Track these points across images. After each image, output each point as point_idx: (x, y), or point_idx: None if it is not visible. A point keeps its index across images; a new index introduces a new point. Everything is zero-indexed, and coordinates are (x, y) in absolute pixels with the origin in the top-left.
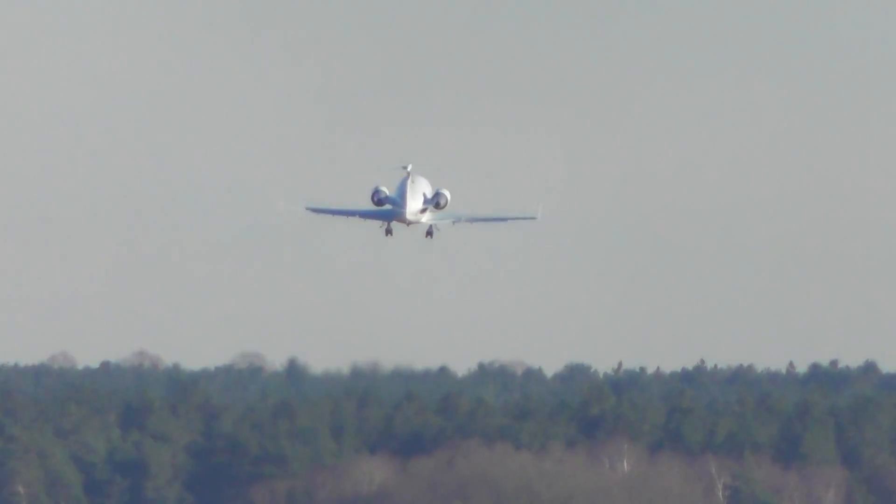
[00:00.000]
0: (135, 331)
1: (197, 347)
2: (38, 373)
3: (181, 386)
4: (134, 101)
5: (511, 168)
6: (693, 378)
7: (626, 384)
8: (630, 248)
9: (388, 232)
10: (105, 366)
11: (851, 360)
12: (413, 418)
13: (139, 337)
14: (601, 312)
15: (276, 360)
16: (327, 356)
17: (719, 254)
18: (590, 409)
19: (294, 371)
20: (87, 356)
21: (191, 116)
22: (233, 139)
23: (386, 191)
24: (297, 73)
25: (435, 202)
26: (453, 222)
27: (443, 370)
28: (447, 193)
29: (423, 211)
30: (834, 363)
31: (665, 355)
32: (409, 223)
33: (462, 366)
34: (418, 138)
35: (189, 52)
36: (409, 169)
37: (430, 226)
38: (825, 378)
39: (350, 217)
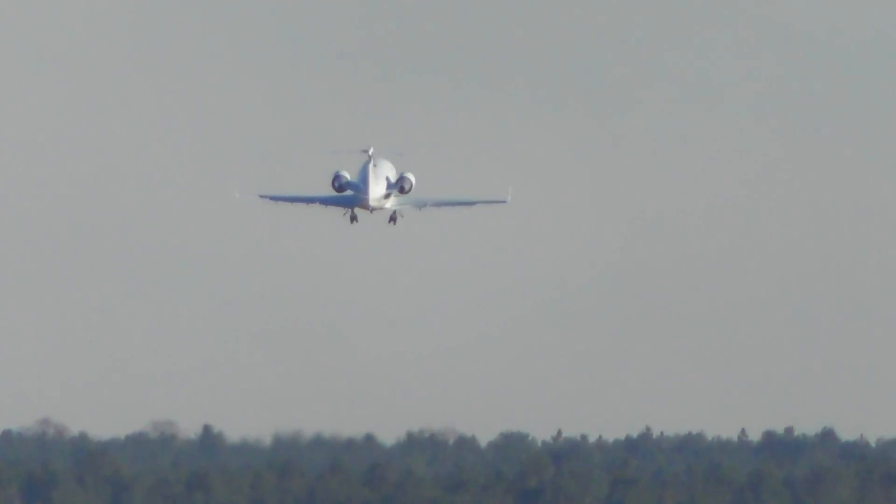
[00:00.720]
0: (37, 397)
1: (105, 414)
2: None
3: (88, 456)
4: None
5: (480, 150)
6: (638, 447)
7: (566, 453)
8: (571, 307)
9: (353, 219)
10: (6, 435)
11: (808, 427)
12: (338, 491)
13: (42, 403)
14: (539, 376)
15: (189, 427)
16: (245, 423)
17: (667, 313)
18: (527, 481)
19: (209, 439)
20: None
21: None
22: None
23: (347, 176)
24: (247, 49)
25: (399, 186)
26: (419, 207)
27: (369, 439)
28: (412, 177)
29: (387, 196)
30: (789, 431)
31: (608, 422)
32: (372, 209)
33: (390, 434)
34: (381, 120)
35: (133, 31)
36: (370, 152)
37: (394, 211)
38: (780, 447)
39: (309, 204)
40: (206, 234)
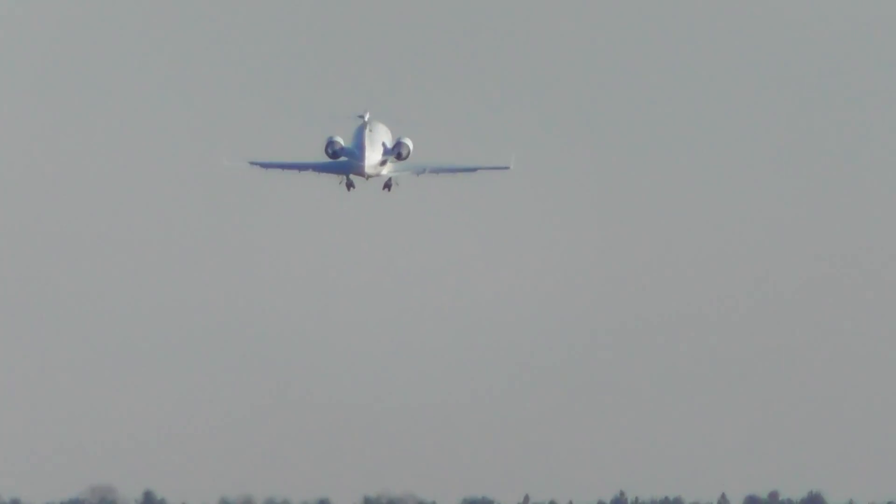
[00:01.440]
0: None
1: (40, 479)
2: None
3: None
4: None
5: (481, 115)
6: None
7: None
8: (540, 364)
9: (349, 185)
10: None
11: (793, 491)
12: None
13: None
14: (505, 436)
15: (130, 493)
16: (190, 488)
17: (643, 368)
18: None
19: None
20: None
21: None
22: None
23: (342, 141)
24: (237, 13)
25: (396, 152)
26: (417, 174)
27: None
28: (409, 143)
29: (384, 163)
30: (773, 495)
31: (579, 486)
32: (368, 176)
33: (345, 498)
34: (378, 84)
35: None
36: (366, 118)
37: (389, 178)
38: None
39: (302, 171)
40: (189, 206)
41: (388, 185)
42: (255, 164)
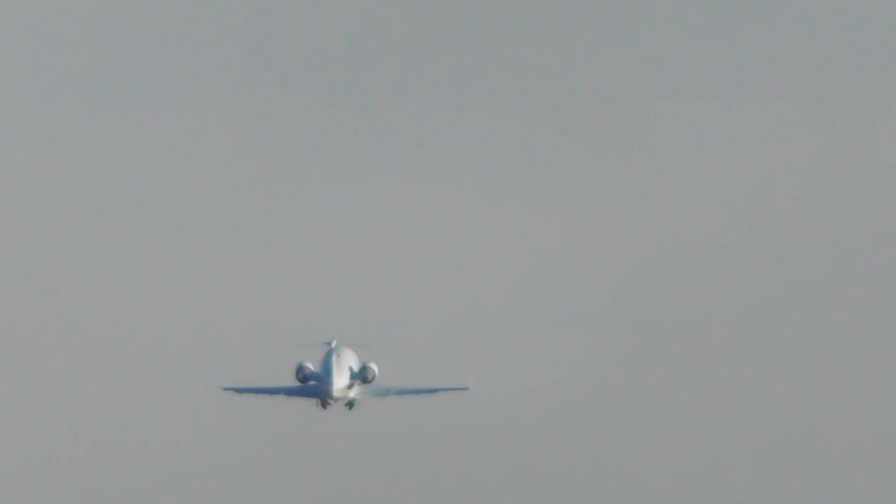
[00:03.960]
0: None
1: None
2: None
3: None
4: None
5: (442, 338)
6: None
7: None
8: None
9: (324, 405)
10: None
11: None
12: None
13: None
14: None
15: None
16: None
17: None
18: None
19: None
20: None
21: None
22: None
23: (311, 367)
24: (213, 246)
25: (362, 376)
26: (382, 396)
27: None
28: (375, 367)
29: (351, 386)
30: None
31: None
32: (336, 399)
33: None
34: (345, 312)
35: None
36: (333, 344)
37: (353, 399)
38: None
39: (274, 396)
40: (167, 429)
41: (350, 404)
42: (229, 389)
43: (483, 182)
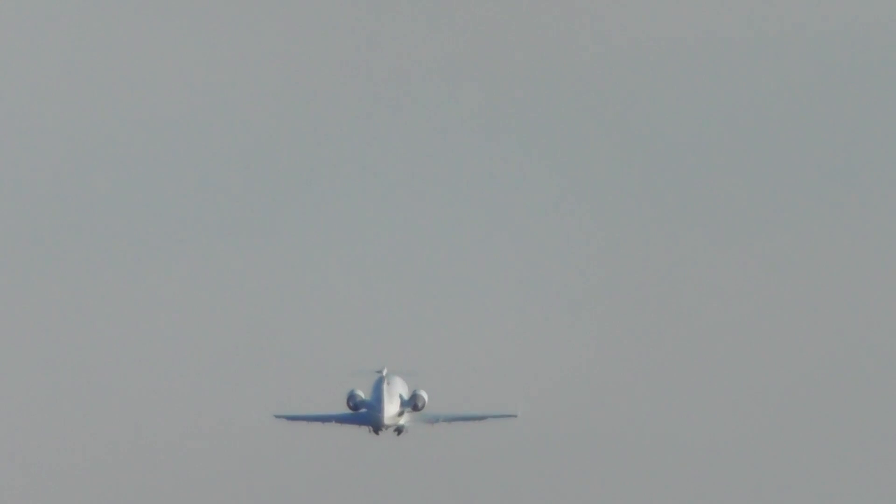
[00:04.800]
0: None
1: None
2: None
3: None
4: None
5: (491, 365)
6: None
7: None
8: None
9: (377, 431)
10: None
11: None
12: None
13: None
14: None
15: None
16: None
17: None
18: None
19: None
20: None
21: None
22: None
23: (362, 395)
24: (262, 276)
25: (412, 404)
26: (432, 423)
27: None
28: (425, 395)
29: (401, 414)
30: None
31: None
32: (386, 427)
33: None
34: (394, 340)
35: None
36: (384, 373)
37: (403, 426)
38: None
39: (326, 423)
40: (221, 456)
41: (399, 430)
42: (281, 416)
43: (532, 212)
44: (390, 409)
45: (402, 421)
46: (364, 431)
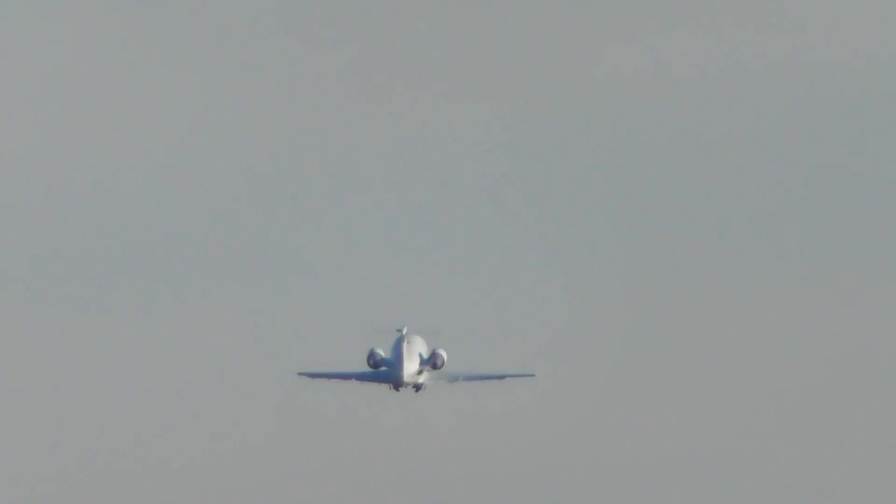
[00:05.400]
0: None
1: None
2: None
3: None
4: None
5: (510, 324)
6: None
7: None
8: None
9: (397, 388)
10: None
11: None
12: None
13: None
14: None
15: None
16: None
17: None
18: None
19: None
20: None
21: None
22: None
23: (382, 353)
24: (286, 237)
25: (432, 363)
26: (451, 382)
27: None
28: (444, 354)
29: (421, 372)
30: None
31: None
32: (406, 385)
33: None
34: (415, 299)
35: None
36: (404, 332)
37: (422, 384)
38: None
39: (346, 381)
40: (246, 412)
41: (417, 387)
42: (303, 374)
43: (557, 172)
44: (410, 367)
45: (422, 379)
46: (384, 389)
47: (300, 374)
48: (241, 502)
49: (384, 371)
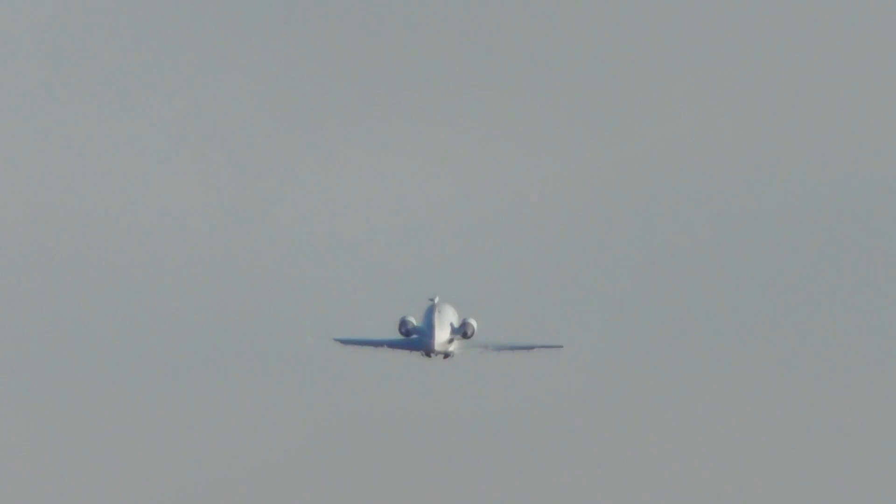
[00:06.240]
0: None
1: None
2: None
3: None
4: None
5: (538, 294)
6: None
7: None
8: None
9: (428, 355)
10: None
11: None
12: None
13: None
14: None
15: None
16: None
17: None
18: None
19: None
20: None
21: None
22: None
23: (413, 321)
24: (318, 202)
25: (462, 332)
26: (480, 351)
27: None
28: (474, 323)
29: (451, 341)
30: None
31: None
32: (436, 353)
33: None
34: (447, 267)
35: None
36: (435, 300)
37: (452, 352)
38: None
39: (378, 347)
40: (280, 377)
41: (447, 355)
42: (338, 340)
43: (586, 133)
44: (440, 335)
45: (452, 348)
46: (415, 356)
47: (335, 339)
48: (274, 465)
49: (415, 339)
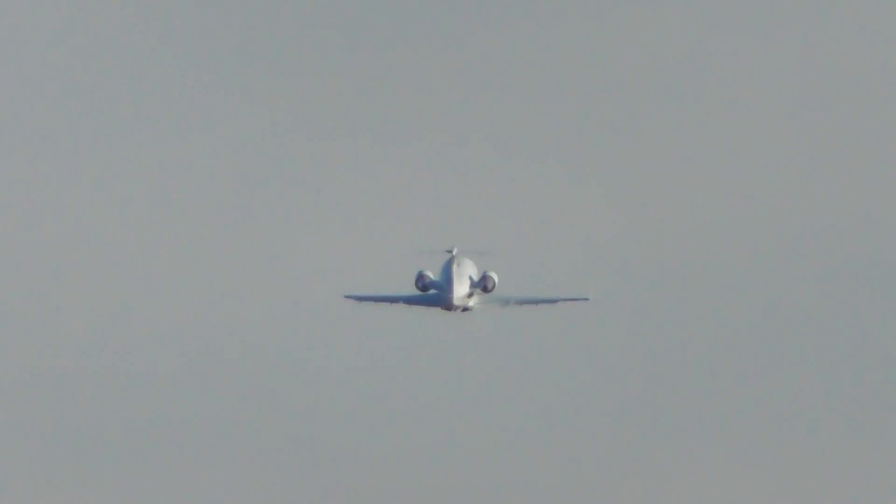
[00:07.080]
0: None
1: None
2: None
3: None
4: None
5: (562, 247)
6: None
7: None
8: None
9: (447, 308)
10: None
11: None
12: None
13: None
14: None
15: None
16: None
17: None
18: None
19: None
20: None
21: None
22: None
23: (431, 275)
24: (328, 156)
25: (482, 285)
26: (502, 305)
27: None
28: (495, 276)
29: (471, 295)
30: None
31: None
32: (455, 308)
33: None
34: (464, 219)
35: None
36: (454, 252)
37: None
38: None
39: (394, 304)
40: (294, 334)
41: (466, 309)
42: (350, 297)
43: (608, 83)
44: (460, 290)
45: (472, 302)
46: (433, 312)
47: (347, 296)
48: (288, 422)
49: (433, 294)
